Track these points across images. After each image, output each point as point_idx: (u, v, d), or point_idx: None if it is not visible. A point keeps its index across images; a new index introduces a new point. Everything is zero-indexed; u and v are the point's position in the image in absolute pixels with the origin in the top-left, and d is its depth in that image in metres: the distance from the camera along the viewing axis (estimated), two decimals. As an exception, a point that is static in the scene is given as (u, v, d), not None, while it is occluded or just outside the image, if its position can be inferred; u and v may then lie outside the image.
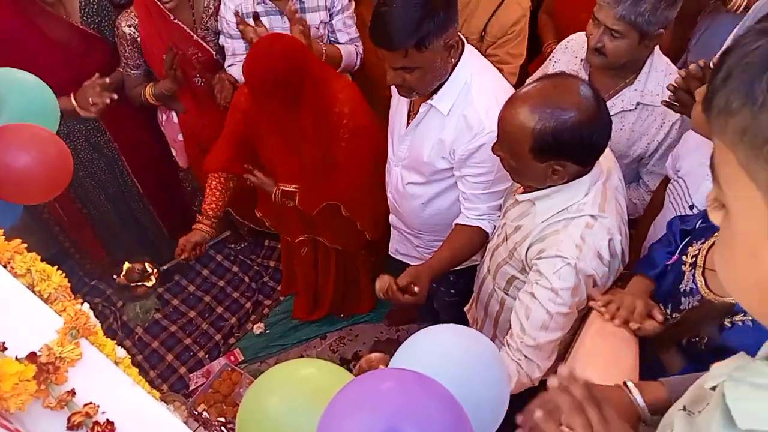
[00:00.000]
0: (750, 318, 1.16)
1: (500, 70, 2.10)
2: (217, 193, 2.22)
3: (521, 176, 1.45)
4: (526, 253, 1.47)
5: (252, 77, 1.82)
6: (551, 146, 1.29)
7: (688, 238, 1.41)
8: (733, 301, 1.19)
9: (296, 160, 2.05)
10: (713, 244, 1.31)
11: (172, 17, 2.20)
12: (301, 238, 2.48)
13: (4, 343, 0.83)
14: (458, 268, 1.86)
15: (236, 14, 2.10)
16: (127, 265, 2.12)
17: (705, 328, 1.22)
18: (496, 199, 1.71)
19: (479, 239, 1.76)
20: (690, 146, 1.58)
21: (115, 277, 2.12)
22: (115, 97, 2.17)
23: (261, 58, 1.78)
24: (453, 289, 2.15)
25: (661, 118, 1.78)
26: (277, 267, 3.10)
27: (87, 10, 2.25)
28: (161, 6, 2.15)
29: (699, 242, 1.35)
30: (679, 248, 1.41)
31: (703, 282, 1.28)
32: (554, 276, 1.38)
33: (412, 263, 2.15)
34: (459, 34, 1.63)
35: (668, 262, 1.39)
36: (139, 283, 2.11)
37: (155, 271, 2.11)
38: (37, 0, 2.08)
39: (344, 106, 1.91)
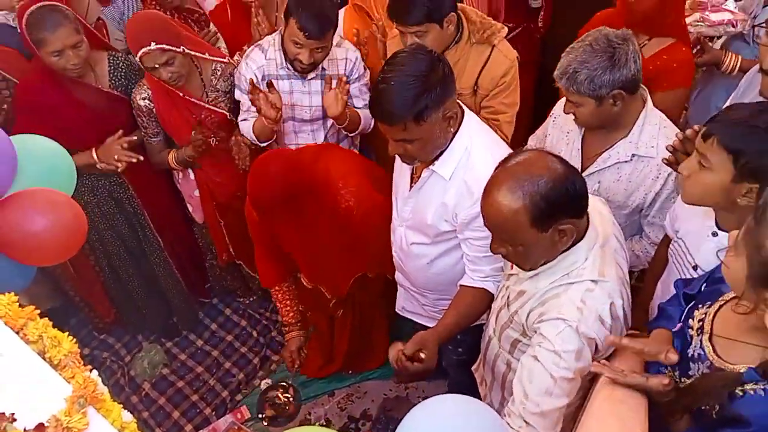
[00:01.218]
0: (762, 387, 1.15)
1: (496, 120, 2.19)
2: (288, 302, 2.34)
3: (531, 258, 1.42)
4: (527, 317, 1.47)
5: (256, 200, 1.91)
6: (547, 211, 1.31)
7: (693, 302, 1.40)
8: (743, 371, 1.17)
9: (317, 258, 2.11)
10: (719, 308, 1.31)
11: (181, 94, 2.32)
12: (334, 301, 2.49)
13: (13, 414, 0.85)
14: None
15: (250, 82, 2.20)
16: (267, 404, 2.29)
17: (716, 397, 1.20)
18: (499, 260, 1.72)
19: (484, 301, 1.76)
20: (686, 209, 1.60)
21: (261, 415, 2.30)
22: (141, 158, 2.30)
23: (261, 182, 1.86)
24: (460, 347, 2.14)
25: (657, 170, 1.82)
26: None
27: (116, 74, 2.39)
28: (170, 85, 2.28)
29: (705, 306, 1.34)
30: (684, 313, 1.40)
31: (711, 348, 1.27)
32: (557, 338, 1.37)
33: (419, 321, 2.16)
34: (459, 102, 1.68)
35: (674, 329, 1.38)
36: (286, 406, 2.28)
37: (290, 387, 2.30)
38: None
39: (350, 199, 1.96)
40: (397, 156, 1.86)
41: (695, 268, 1.56)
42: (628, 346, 1.33)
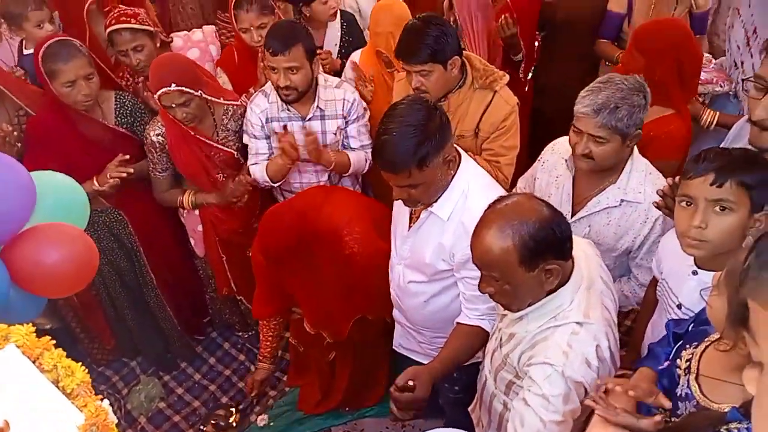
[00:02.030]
0: (745, 426, 1.19)
1: (497, 162, 2.27)
2: (270, 337, 2.44)
3: (518, 297, 1.47)
4: (518, 360, 1.51)
5: (267, 251, 1.99)
6: (535, 250, 1.36)
7: (681, 342, 1.45)
8: (727, 410, 1.22)
9: (319, 303, 2.15)
10: (705, 349, 1.36)
11: (193, 133, 2.42)
12: (329, 341, 2.50)
13: (31, 440, 0.89)
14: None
15: (284, 127, 2.37)
16: (210, 421, 2.33)
17: None
18: (495, 299, 1.77)
19: (480, 339, 1.80)
20: (668, 249, 1.67)
21: (202, 428, 2.37)
22: (131, 171, 2.37)
23: (273, 235, 1.95)
24: (456, 385, 2.16)
25: (645, 214, 1.89)
26: (284, 356, 3.09)
27: (121, 111, 2.50)
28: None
29: (692, 347, 1.39)
30: (672, 352, 1.45)
31: (698, 388, 1.31)
32: (545, 382, 1.41)
33: (415, 358, 2.18)
34: (456, 146, 1.77)
35: (660, 367, 1.42)
36: (227, 429, 2.32)
37: (238, 413, 2.35)
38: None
39: (353, 245, 2.04)
40: None
41: (679, 306, 1.62)
42: (615, 390, 1.36)
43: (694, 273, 1.57)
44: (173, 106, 2.28)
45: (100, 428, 1.00)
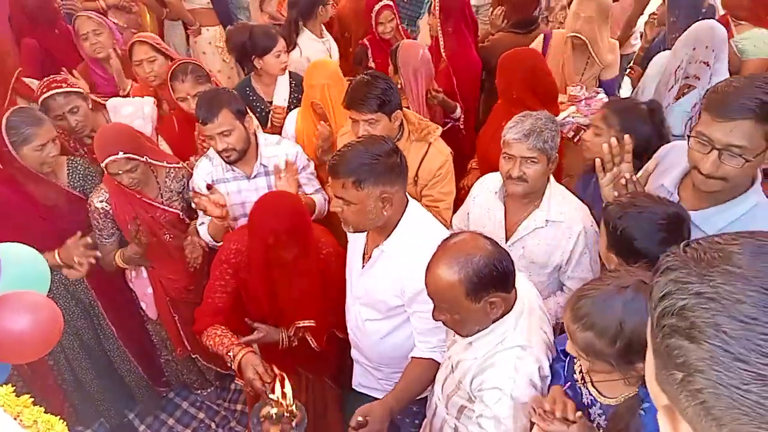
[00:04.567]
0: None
1: (436, 207, 2.47)
2: (228, 333, 2.14)
3: (467, 325, 1.62)
4: (470, 385, 1.65)
5: (264, 232, 2.01)
6: (479, 285, 1.52)
7: (569, 357, 1.62)
8: (632, 395, 1.40)
9: (309, 298, 2.22)
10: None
11: (138, 196, 2.50)
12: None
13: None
14: (420, 397, 2.01)
15: (192, 189, 2.47)
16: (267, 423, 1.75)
17: (633, 425, 1.38)
18: (443, 332, 1.90)
19: (433, 370, 1.92)
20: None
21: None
22: (99, 254, 2.42)
23: (272, 216, 2.02)
24: (416, 419, 2.25)
25: (569, 231, 2.11)
26: (244, 410, 3.12)
27: (74, 175, 2.56)
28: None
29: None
30: (566, 366, 1.62)
31: (597, 392, 1.50)
32: (495, 406, 1.55)
33: (375, 395, 2.25)
34: (407, 194, 1.94)
35: (565, 388, 1.59)
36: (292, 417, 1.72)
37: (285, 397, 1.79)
38: (34, 171, 2.38)
39: (329, 247, 2.21)
40: (349, 238, 2.08)
41: None
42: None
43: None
44: (120, 172, 2.36)
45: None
